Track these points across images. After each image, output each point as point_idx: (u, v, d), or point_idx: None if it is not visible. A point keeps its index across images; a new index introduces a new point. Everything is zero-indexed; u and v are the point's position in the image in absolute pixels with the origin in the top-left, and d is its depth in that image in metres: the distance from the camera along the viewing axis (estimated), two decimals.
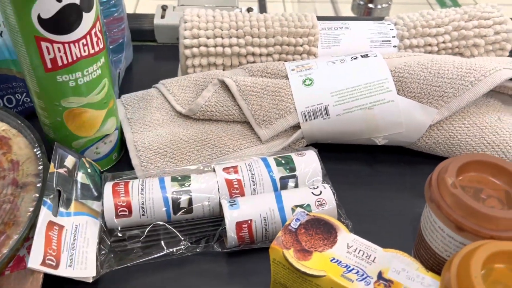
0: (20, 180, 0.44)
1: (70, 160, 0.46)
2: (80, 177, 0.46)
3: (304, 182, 0.47)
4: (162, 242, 0.44)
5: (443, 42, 0.60)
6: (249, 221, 0.43)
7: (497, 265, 0.31)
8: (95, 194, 0.46)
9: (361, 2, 1.30)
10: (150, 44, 0.74)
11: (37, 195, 0.43)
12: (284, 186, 0.46)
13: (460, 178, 0.34)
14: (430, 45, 0.60)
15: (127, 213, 0.43)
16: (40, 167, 0.45)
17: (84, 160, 0.48)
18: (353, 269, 0.35)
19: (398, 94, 0.51)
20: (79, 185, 0.45)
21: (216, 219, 0.46)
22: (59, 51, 0.39)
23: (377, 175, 0.54)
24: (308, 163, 0.47)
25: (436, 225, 0.34)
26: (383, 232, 0.47)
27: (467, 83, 0.50)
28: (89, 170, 0.48)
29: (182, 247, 0.43)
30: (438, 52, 0.60)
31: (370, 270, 0.35)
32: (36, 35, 0.38)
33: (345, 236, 0.37)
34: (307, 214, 0.39)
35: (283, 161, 0.47)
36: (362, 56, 0.54)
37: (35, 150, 0.47)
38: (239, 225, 0.43)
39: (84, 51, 0.41)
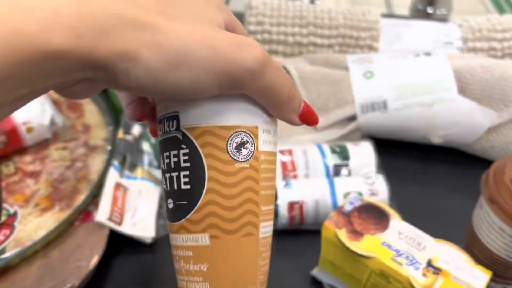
0: (91, 142, 0.47)
1: (136, 129, 0.49)
2: (146, 145, 0.49)
3: (357, 172, 0.48)
4: None
5: (508, 48, 0.59)
6: (301, 202, 0.44)
7: None
8: (156, 163, 0.49)
9: (420, 7, 1.29)
10: None
11: (106, 157, 0.46)
12: (337, 174, 0.48)
13: None
14: (494, 49, 0.59)
15: None
16: (109, 132, 0.49)
17: None
18: (403, 254, 0.36)
19: (459, 94, 0.51)
20: (144, 153, 0.48)
21: None
22: None
23: (430, 174, 0.54)
24: (363, 154, 0.48)
25: (496, 226, 0.35)
26: (431, 230, 0.47)
27: None
28: (152, 141, 0.51)
29: None
30: (502, 58, 0.59)
31: (420, 256, 0.36)
32: None
33: (397, 223, 0.38)
34: (360, 199, 0.40)
35: (337, 149, 0.48)
36: (425, 54, 0.54)
37: (104, 117, 0.51)
38: (291, 205, 0.44)
39: None
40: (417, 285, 0.34)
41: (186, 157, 0.22)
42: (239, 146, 0.23)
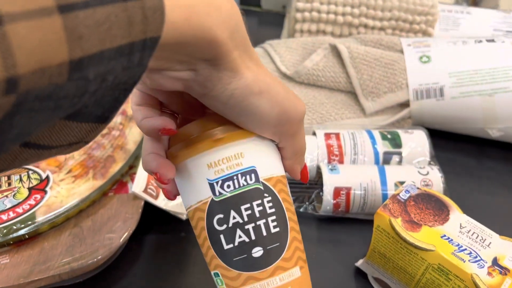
0: (129, 112, 0.45)
1: None
2: None
3: (410, 160, 0.44)
4: None
5: None
6: (348, 188, 0.41)
7: None
8: None
9: None
10: (255, 9, 0.73)
11: None
12: (387, 161, 0.44)
13: None
14: None
15: None
16: None
17: None
18: (465, 249, 0.32)
19: None
20: None
21: (312, 182, 0.44)
22: None
23: (485, 170, 0.50)
24: (416, 142, 0.45)
25: None
26: (489, 227, 0.44)
27: None
28: None
29: None
30: None
31: (484, 254, 0.32)
32: None
33: (458, 216, 0.35)
34: (417, 188, 0.36)
35: (389, 136, 0.45)
36: (487, 41, 0.50)
37: None
38: (337, 190, 0.41)
39: None
40: (482, 285, 0.30)
41: (270, 204, 0.25)
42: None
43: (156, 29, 0.17)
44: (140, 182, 0.38)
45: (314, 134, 0.46)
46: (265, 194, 0.25)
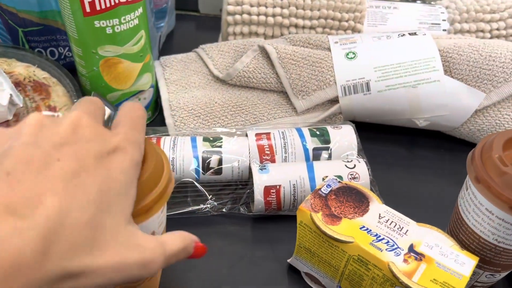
0: None
1: (106, 111, 0.46)
2: None
3: (338, 155, 0.45)
4: (189, 199, 0.43)
5: (497, 29, 0.57)
6: (277, 187, 0.42)
7: None
8: None
9: None
10: (193, 14, 0.73)
11: None
12: (317, 158, 0.45)
13: (506, 154, 0.32)
14: (482, 31, 0.57)
15: None
16: None
17: None
18: (383, 238, 0.33)
19: (445, 74, 0.49)
20: None
21: (245, 182, 0.45)
22: None
23: (415, 159, 0.52)
24: (344, 136, 0.46)
25: (483, 207, 0.32)
26: (415, 215, 0.45)
27: None
28: None
29: (208, 206, 0.43)
30: (490, 39, 0.57)
31: (401, 242, 0.33)
32: None
33: (377, 206, 0.36)
34: (339, 182, 0.37)
35: (317, 132, 0.46)
36: (410, 34, 0.51)
37: (72, 98, 0.48)
38: (267, 189, 0.41)
39: None
40: (397, 272, 0.31)
41: None
42: None
43: None
44: None
45: (246, 135, 0.46)
46: None
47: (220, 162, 0.43)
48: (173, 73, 0.54)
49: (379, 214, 0.35)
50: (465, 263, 0.32)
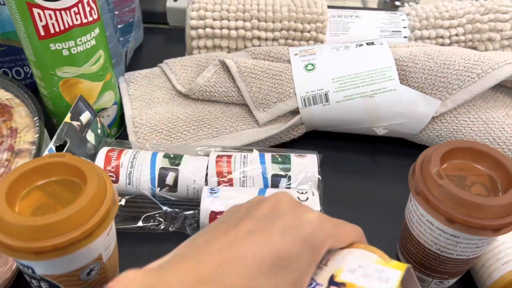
0: (17, 146, 0.45)
1: (86, 116, 0.47)
2: (89, 135, 0.47)
3: (298, 184, 0.45)
4: (142, 215, 0.44)
5: (456, 35, 0.58)
6: (224, 212, 0.41)
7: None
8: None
9: (388, 0, 1.28)
10: (162, 27, 0.74)
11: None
12: (275, 185, 0.45)
13: (444, 167, 0.33)
14: (442, 37, 0.58)
15: (114, 179, 0.44)
16: (37, 135, 0.46)
17: (98, 120, 0.49)
18: None
19: (401, 83, 0.49)
20: (85, 142, 0.46)
21: (198, 203, 0.45)
22: (51, 18, 0.40)
23: (377, 166, 0.53)
24: (306, 166, 0.45)
25: (424, 219, 0.33)
26: (374, 223, 0.46)
27: (474, 75, 0.48)
28: (99, 131, 0.49)
29: (156, 223, 0.43)
30: (450, 45, 0.58)
31: (321, 276, 0.30)
32: (28, 1, 0.39)
33: None
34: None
35: (279, 159, 0.45)
36: (367, 44, 0.52)
37: (34, 119, 0.48)
38: (213, 214, 0.41)
39: (76, 19, 0.41)
40: None
41: None
42: None
43: None
44: None
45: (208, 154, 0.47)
46: None
47: (176, 180, 0.44)
48: (137, 89, 0.54)
49: None
50: (389, 278, 0.29)
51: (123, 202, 0.44)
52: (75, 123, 0.46)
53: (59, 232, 0.27)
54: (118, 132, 0.54)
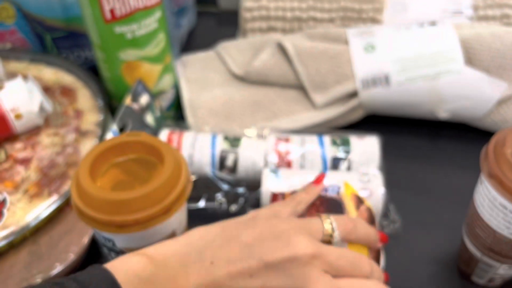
0: (83, 127, 0.47)
1: (144, 99, 0.48)
2: (148, 117, 0.48)
3: (358, 167, 0.44)
4: (203, 195, 0.44)
5: None
6: (285, 194, 0.41)
7: None
8: None
9: None
10: (213, 11, 0.74)
11: (98, 142, 0.45)
12: (335, 167, 0.44)
13: None
14: (507, 16, 0.55)
15: None
16: (101, 117, 0.48)
17: (157, 103, 0.50)
18: None
19: (466, 65, 0.48)
20: (144, 124, 0.47)
21: (258, 185, 0.46)
22: (117, 1, 0.41)
23: (438, 151, 0.51)
24: (366, 148, 0.44)
25: (496, 202, 0.32)
26: (437, 208, 0.45)
27: None
28: (158, 114, 0.50)
29: (218, 203, 0.44)
30: None
31: None
32: None
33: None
34: (338, 189, 0.37)
35: (338, 141, 0.45)
36: (429, 24, 0.51)
37: (98, 102, 0.50)
38: (274, 195, 0.41)
39: (140, 2, 0.42)
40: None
41: None
42: None
43: None
44: None
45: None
46: None
47: (235, 161, 0.44)
48: (194, 72, 0.55)
49: None
50: None
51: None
52: (134, 105, 0.47)
53: (139, 208, 0.27)
54: (176, 114, 0.55)
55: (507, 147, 0.31)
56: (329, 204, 0.35)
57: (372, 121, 0.53)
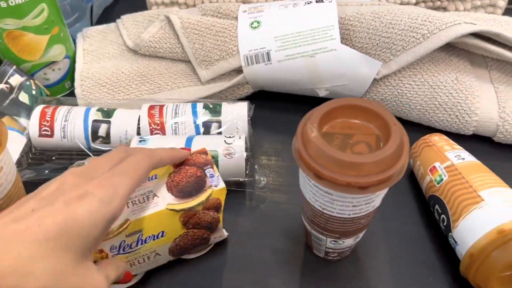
0: None
1: (15, 79, 0.49)
2: (22, 96, 0.49)
3: (228, 130, 0.46)
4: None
5: None
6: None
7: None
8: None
9: None
10: None
11: None
12: (207, 131, 0.46)
13: (330, 125, 0.32)
14: None
15: (49, 133, 0.46)
16: None
17: (32, 82, 0.51)
18: None
19: (344, 43, 0.48)
20: (18, 103, 0.48)
21: None
22: None
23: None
24: (235, 111, 0.46)
25: (305, 177, 0.33)
26: (295, 185, 0.46)
27: (419, 36, 0.46)
28: (34, 92, 0.51)
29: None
30: (416, 5, 0.55)
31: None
32: None
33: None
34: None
35: (211, 106, 0.46)
36: (316, 1, 0.51)
37: None
38: None
39: None
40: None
41: None
42: None
43: None
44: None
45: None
46: None
47: (108, 131, 0.45)
48: (92, 44, 0.56)
49: None
50: None
51: None
52: (2, 85, 0.48)
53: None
54: (72, 86, 0.56)
55: (311, 121, 0.31)
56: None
57: (263, 97, 0.54)
